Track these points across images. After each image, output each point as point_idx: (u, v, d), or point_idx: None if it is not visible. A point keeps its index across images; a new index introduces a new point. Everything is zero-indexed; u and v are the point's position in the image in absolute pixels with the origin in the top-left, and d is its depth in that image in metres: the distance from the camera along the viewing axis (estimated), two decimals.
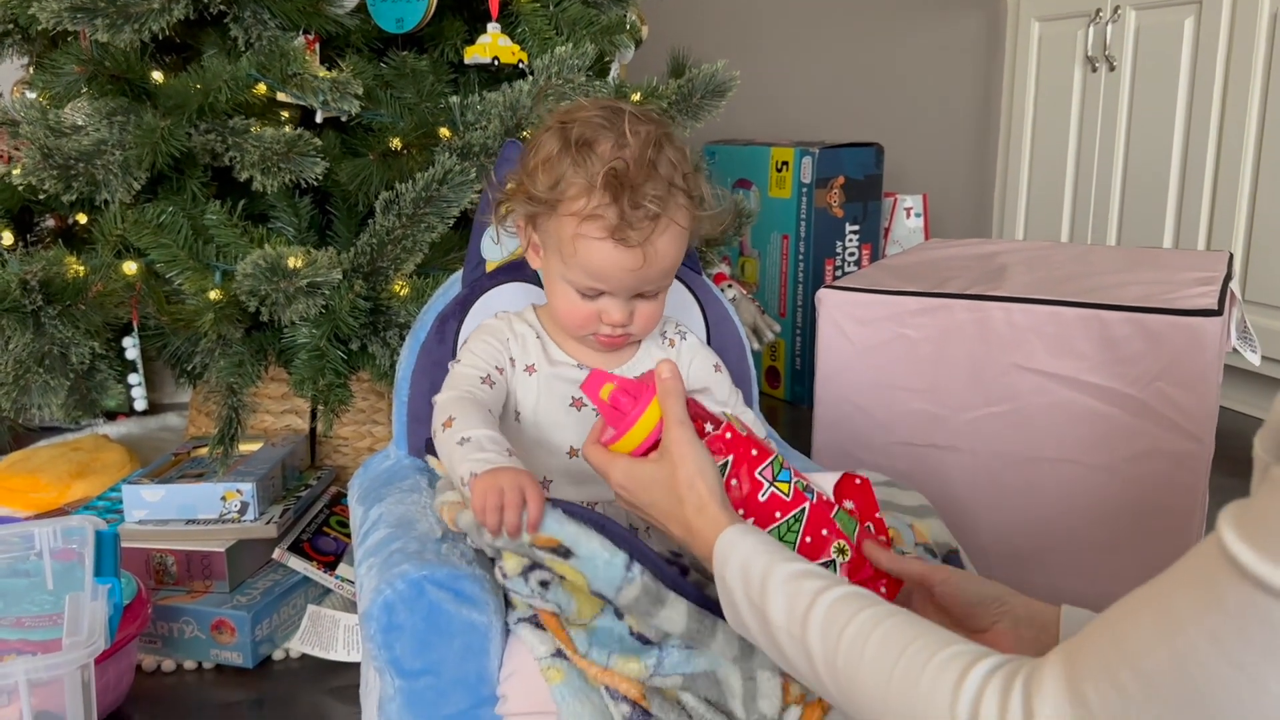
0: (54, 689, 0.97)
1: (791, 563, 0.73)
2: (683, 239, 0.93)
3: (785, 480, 0.84)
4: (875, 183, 2.49)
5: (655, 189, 0.87)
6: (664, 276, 0.94)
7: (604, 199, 0.87)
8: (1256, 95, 2.30)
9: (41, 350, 1.30)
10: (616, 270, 0.90)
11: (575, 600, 0.86)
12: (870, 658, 0.64)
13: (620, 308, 0.94)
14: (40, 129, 1.38)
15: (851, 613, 0.67)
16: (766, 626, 0.72)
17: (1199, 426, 1.25)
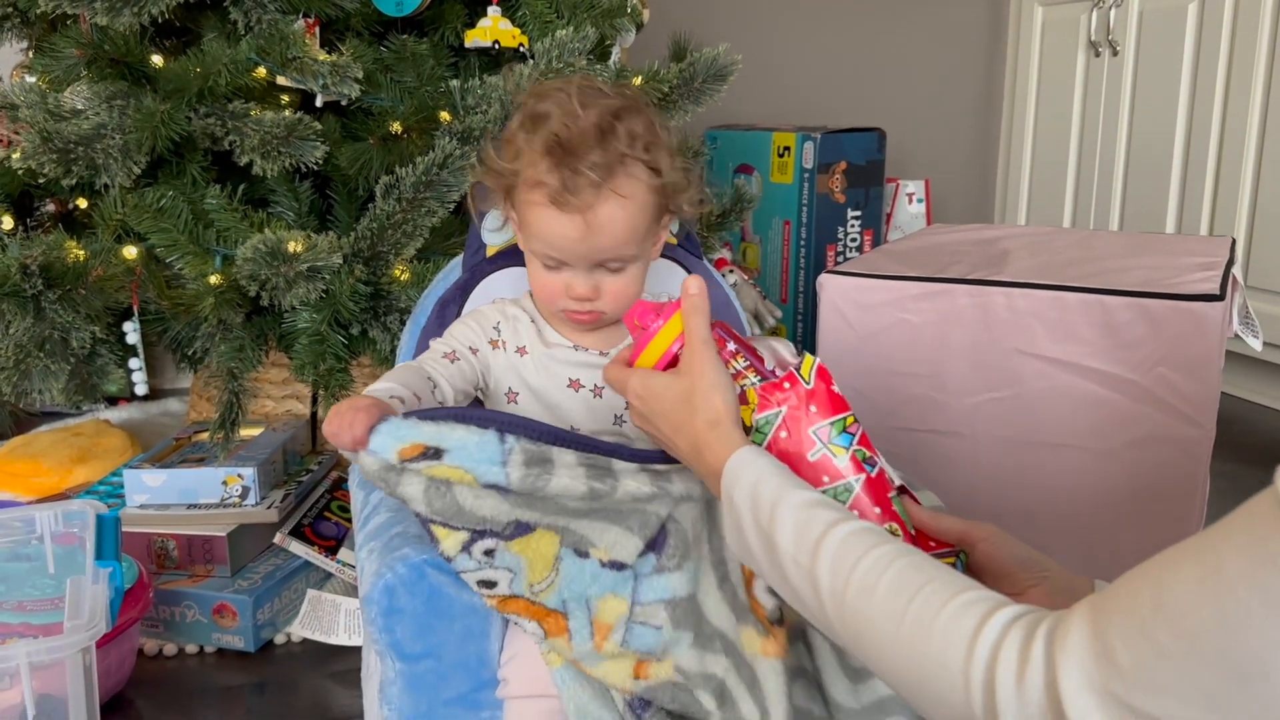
0: (55, 672, 0.97)
1: (804, 490, 0.71)
2: (638, 212, 0.91)
3: (843, 445, 0.76)
4: (877, 168, 2.49)
5: (601, 157, 0.87)
6: (620, 247, 0.91)
7: (547, 165, 0.87)
8: (1260, 80, 2.29)
9: (42, 335, 1.30)
10: (560, 237, 0.90)
11: (525, 560, 0.84)
12: (882, 596, 0.62)
13: (582, 280, 0.92)
14: (40, 113, 1.37)
15: (866, 548, 0.65)
16: (773, 552, 0.70)
17: (1200, 412, 1.25)
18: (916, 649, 0.59)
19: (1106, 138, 2.73)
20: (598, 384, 0.97)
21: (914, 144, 3.01)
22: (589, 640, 0.87)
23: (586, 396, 0.98)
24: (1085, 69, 2.79)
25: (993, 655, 0.55)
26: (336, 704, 1.26)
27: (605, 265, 0.93)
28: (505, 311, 1.02)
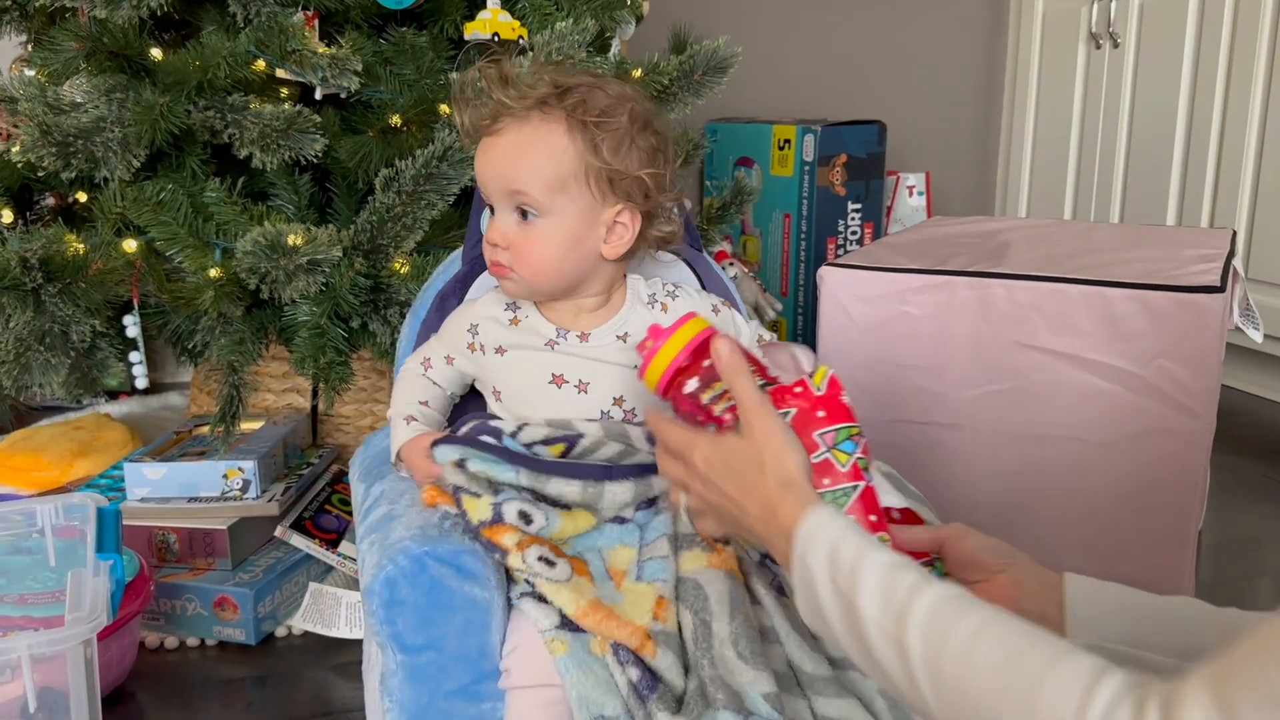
0: (57, 665, 0.97)
1: (884, 551, 0.69)
2: (547, 153, 0.92)
3: (846, 451, 0.78)
4: (878, 161, 2.49)
5: (526, 93, 0.92)
6: (524, 179, 0.92)
7: (485, 90, 0.94)
8: (1261, 72, 2.29)
9: (42, 328, 1.30)
10: (479, 163, 0.95)
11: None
12: (981, 669, 0.60)
13: (499, 220, 0.95)
14: (39, 106, 1.37)
15: (957, 613, 0.63)
16: (854, 618, 0.67)
17: (1201, 403, 1.25)
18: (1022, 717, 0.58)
19: (1107, 130, 2.72)
20: (582, 379, 0.98)
21: (914, 137, 3.00)
22: (608, 581, 0.91)
23: (570, 393, 0.98)
24: (1086, 61, 2.78)
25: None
26: (338, 696, 1.26)
27: (519, 206, 0.94)
28: (482, 312, 1.03)
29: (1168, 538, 1.29)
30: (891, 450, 1.40)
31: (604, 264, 0.98)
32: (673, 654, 0.87)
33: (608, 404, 0.98)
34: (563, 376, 0.98)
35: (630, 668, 0.85)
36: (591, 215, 0.95)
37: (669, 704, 0.83)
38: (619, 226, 0.96)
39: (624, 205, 0.95)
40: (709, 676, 0.84)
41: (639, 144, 0.95)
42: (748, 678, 0.84)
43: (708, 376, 0.83)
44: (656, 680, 0.85)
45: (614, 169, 0.94)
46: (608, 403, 0.98)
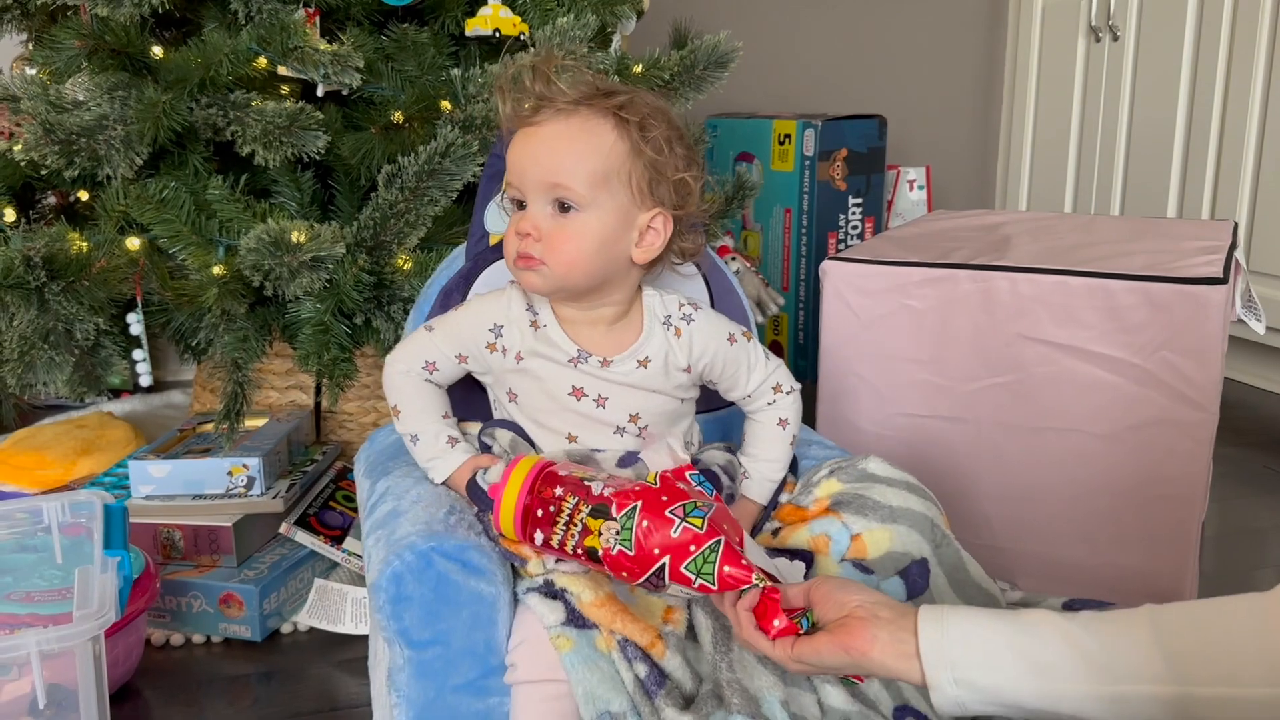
0: (65, 662, 0.97)
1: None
2: (593, 147, 0.92)
3: (700, 516, 0.83)
4: (878, 155, 2.48)
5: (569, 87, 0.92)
6: (566, 172, 0.91)
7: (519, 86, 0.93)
8: (1261, 64, 2.29)
9: (46, 327, 1.30)
10: (516, 153, 0.94)
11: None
12: None
13: (533, 210, 0.93)
14: (41, 104, 1.37)
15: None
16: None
17: (1204, 395, 1.25)
18: None
19: (1107, 123, 2.72)
20: (601, 394, 0.97)
21: (915, 131, 3.00)
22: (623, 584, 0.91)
23: (589, 405, 0.97)
24: (1085, 54, 2.78)
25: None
26: (344, 692, 1.27)
27: (556, 198, 0.92)
28: (511, 311, 1.00)
29: (1171, 530, 1.29)
30: (894, 443, 1.40)
31: (631, 270, 0.97)
32: (681, 656, 0.87)
33: (624, 420, 0.98)
34: (583, 390, 0.97)
35: (638, 663, 0.85)
36: (628, 216, 0.94)
37: (677, 701, 0.84)
38: (651, 232, 0.95)
39: (659, 210, 0.95)
40: (726, 680, 0.84)
41: (677, 151, 0.95)
42: (767, 681, 0.84)
43: (546, 526, 0.86)
44: (664, 677, 0.85)
45: (656, 171, 0.93)
46: (624, 419, 0.98)
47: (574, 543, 0.84)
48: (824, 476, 1.01)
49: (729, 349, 1.01)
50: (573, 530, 0.84)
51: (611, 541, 0.82)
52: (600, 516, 0.83)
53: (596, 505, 0.84)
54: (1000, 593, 1.02)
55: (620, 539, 0.82)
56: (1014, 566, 1.36)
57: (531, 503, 0.87)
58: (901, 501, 0.96)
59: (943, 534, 0.97)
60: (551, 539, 0.86)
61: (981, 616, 0.76)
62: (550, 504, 0.86)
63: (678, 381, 1.00)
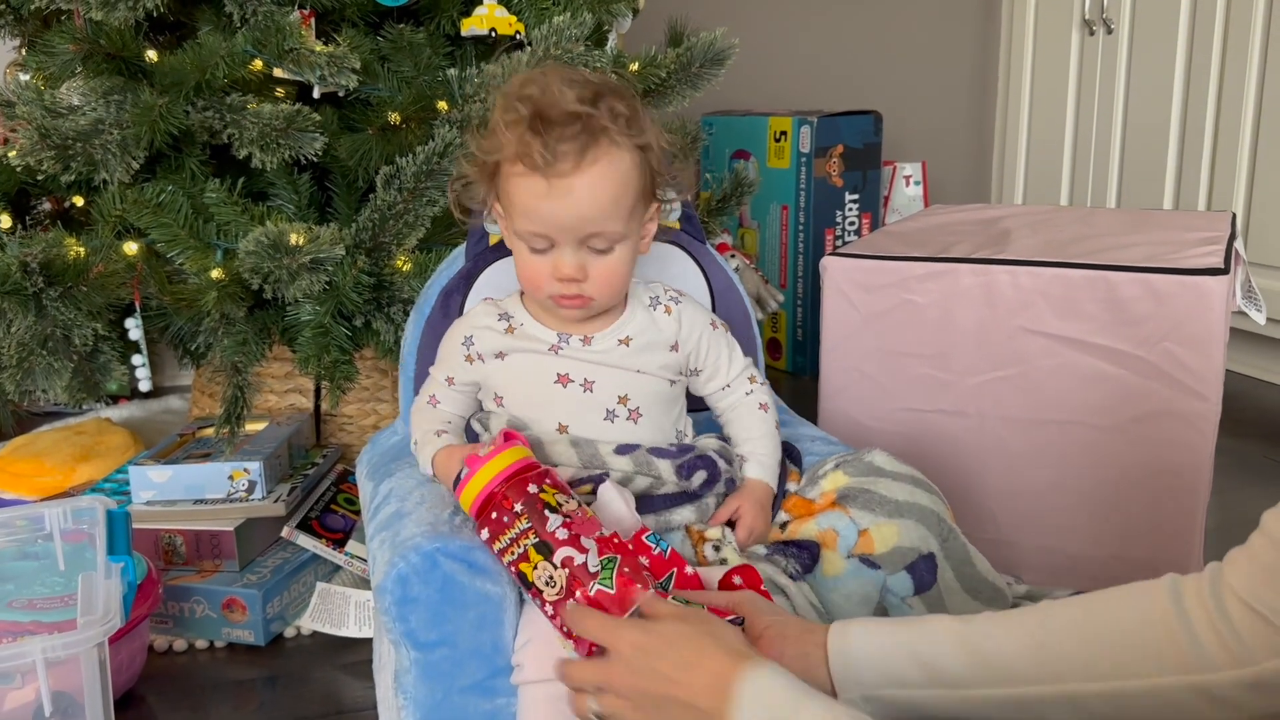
0: (70, 669, 0.97)
1: (816, 701, 0.70)
2: (622, 180, 0.90)
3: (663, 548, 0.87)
4: (874, 151, 2.48)
5: (584, 126, 0.87)
6: (604, 219, 0.90)
7: (528, 134, 0.87)
8: (1255, 56, 2.29)
9: (44, 332, 1.30)
10: (547, 208, 0.89)
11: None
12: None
13: (569, 258, 0.92)
14: (37, 109, 1.37)
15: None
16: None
17: (1206, 386, 1.25)
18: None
19: (1102, 116, 2.72)
20: (587, 378, 0.97)
21: (910, 126, 3.00)
22: None
23: (576, 391, 0.97)
24: (1080, 47, 2.78)
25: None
26: (348, 695, 1.26)
27: (591, 244, 0.92)
28: (476, 322, 1.02)
29: (1176, 520, 1.29)
30: (897, 438, 1.40)
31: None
32: None
33: (613, 402, 0.98)
34: (568, 376, 0.97)
35: None
36: (645, 223, 0.96)
37: None
38: (650, 224, 0.97)
39: (655, 203, 0.96)
40: None
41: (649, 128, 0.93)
42: None
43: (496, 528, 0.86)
44: None
45: (651, 170, 0.93)
46: (613, 401, 0.98)
47: (511, 559, 0.86)
48: (830, 469, 1.01)
49: (713, 332, 1.04)
50: (514, 549, 0.86)
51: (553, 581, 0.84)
52: (542, 554, 0.84)
53: (542, 541, 0.85)
54: (1006, 586, 1.02)
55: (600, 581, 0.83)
56: (1019, 560, 1.36)
57: (492, 498, 0.87)
58: (908, 496, 0.96)
59: (949, 528, 0.97)
60: (494, 544, 0.87)
61: (885, 630, 0.78)
62: (504, 514, 0.86)
63: (663, 361, 1.00)
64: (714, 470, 0.97)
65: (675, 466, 0.96)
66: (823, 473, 1.01)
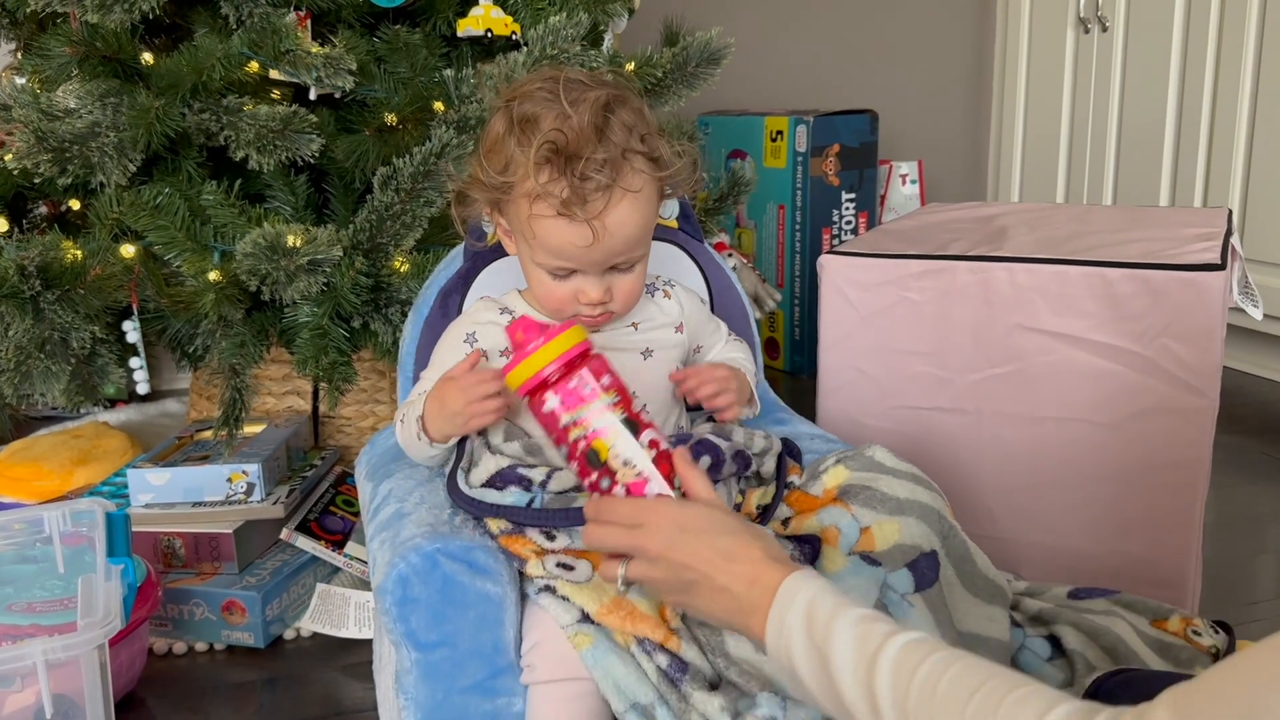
0: (70, 671, 0.97)
1: (857, 608, 0.71)
2: (646, 205, 0.90)
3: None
4: (870, 150, 2.49)
5: (604, 155, 0.84)
6: (633, 247, 0.91)
7: (550, 175, 0.85)
8: (1250, 52, 2.29)
9: (42, 336, 1.30)
10: (573, 247, 0.88)
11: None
12: (942, 697, 0.62)
13: (595, 285, 0.92)
14: (33, 112, 1.37)
15: (923, 655, 0.65)
16: (825, 668, 0.69)
17: (1204, 381, 1.25)
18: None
19: (1098, 114, 2.73)
20: None
21: (906, 125, 3.01)
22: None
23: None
24: (1075, 45, 2.79)
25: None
26: (349, 697, 1.26)
27: (617, 266, 0.93)
28: (477, 319, 1.02)
29: (1174, 517, 1.29)
30: (895, 436, 1.40)
31: None
32: (696, 647, 0.87)
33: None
34: None
35: (658, 655, 0.85)
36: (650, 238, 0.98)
37: (702, 685, 0.84)
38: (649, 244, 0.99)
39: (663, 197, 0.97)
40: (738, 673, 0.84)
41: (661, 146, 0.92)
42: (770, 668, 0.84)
43: (571, 399, 0.83)
44: (685, 664, 0.85)
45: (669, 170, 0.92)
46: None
47: (583, 433, 0.82)
48: (831, 464, 1.01)
49: (704, 309, 1.11)
50: (589, 424, 0.82)
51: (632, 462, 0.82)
52: (629, 429, 0.82)
53: (630, 419, 0.83)
54: (1006, 584, 1.02)
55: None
56: (1018, 557, 1.36)
57: (574, 366, 0.83)
58: (909, 493, 0.96)
59: (950, 525, 0.97)
60: (563, 414, 0.82)
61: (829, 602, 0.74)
62: (587, 385, 0.82)
63: (672, 340, 1.04)
64: (717, 454, 0.96)
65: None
66: (824, 468, 1.01)
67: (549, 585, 0.89)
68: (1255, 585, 1.50)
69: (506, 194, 0.91)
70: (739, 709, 0.81)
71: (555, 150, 0.84)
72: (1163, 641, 0.99)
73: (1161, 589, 1.29)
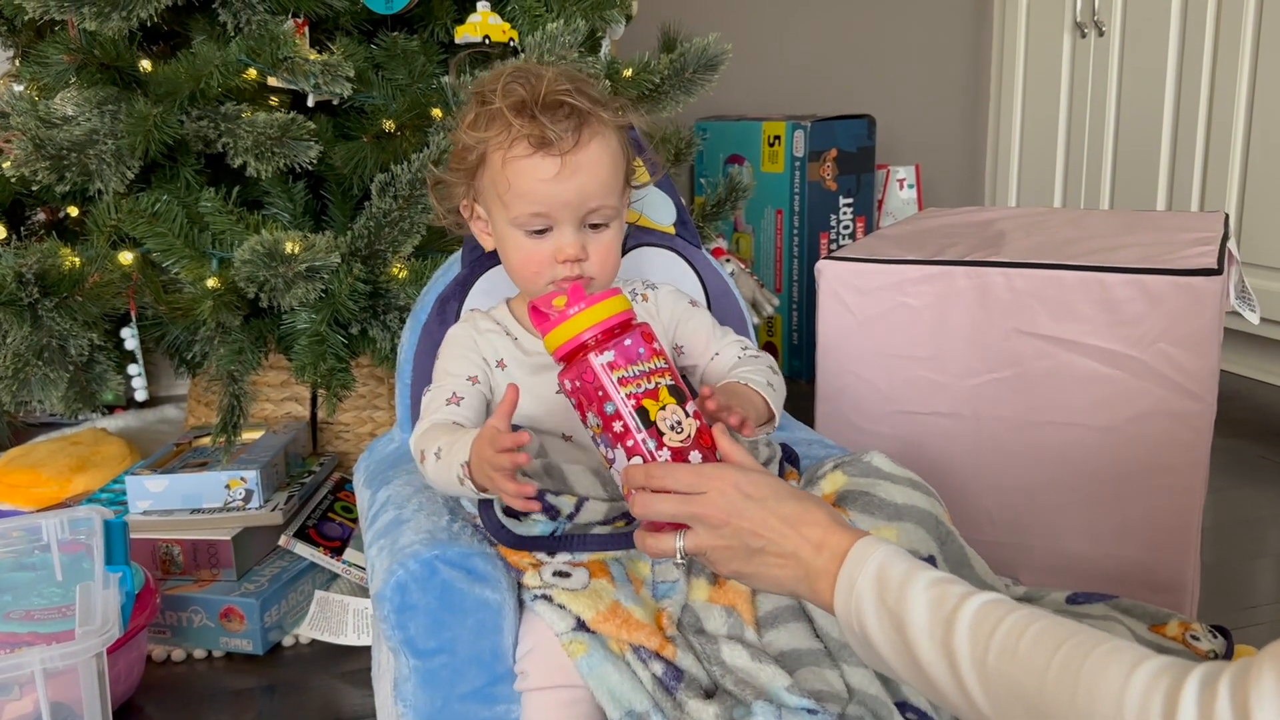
0: (68, 680, 0.97)
1: (930, 570, 0.71)
2: (612, 150, 0.94)
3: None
4: (868, 154, 2.49)
5: (570, 101, 0.90)
6: (604, 193, 0.93)
7: (520, 119, 0.90)
8: (1247, 57, 2.30)
9: (40, 343, 1.30)
10: (551, 187, 0.91)
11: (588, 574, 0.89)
12: (1025, 654, 0.62)
13: (571, 237, 0.93)
14: (31, 120, 1.37)
15: (1003, 613, 0.65)
16: (900, 631, 0.69)
17: (1201, 386, 1.25)
18: (1063, 702, 0.59)
19: (1095, 118, 2.73)
20: None
21: (903, 130, 3.01)
22: (628, 584, 0.91)
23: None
24: (1071, 50, 2.79)
25: (1143, 703, 0.55)
26: (348, 704, 1.26)
27: (590, 220, 0.94)
28: (478, 326, 1.02)
29: (1172, 521, 1.29)
30: (894, 441, 1.40)
31: None
32: (693, 655, 0.87)
33: None
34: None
35: (653, 662, 0.85)
36: (625, 205, 0.99)
37: (697, 693, 0.84)
38: (626, 209, 0.99)
39: (628, 189, 0.99)
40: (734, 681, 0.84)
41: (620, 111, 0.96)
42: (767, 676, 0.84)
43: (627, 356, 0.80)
44: (680, 672, 0.85)
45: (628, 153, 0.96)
46: None
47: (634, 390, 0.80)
48: (829, 470, 1.01)
49: (691, 309, 1.06)
50: (643, 382, 0.80)
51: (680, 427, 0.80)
52: (675, 397, 0.80)
53: (676, 385, 0.81)
54: (1005, 588, 1.02)
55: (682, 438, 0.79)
56: (1016, 561, 1.36)
57: (627, 325, 0.82)
58: (906, 499, 0.96)
59: (947, 530, 0.97)
60: (616, 369, 0.80)
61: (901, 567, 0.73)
62: (641, 345, 0.81)
63: None
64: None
65: None
66: (821, 473, 1.01)
67: (545, 594, 0.89)
68: (1254, 589, 1.50)
69: (481, 162, 0.95)
70: (734, 717, 0.81)
71: (524, 101, 0.90)
72: (1161, 646, 0.99)
73: (1160, 593, 1.29)
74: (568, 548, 0.91)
